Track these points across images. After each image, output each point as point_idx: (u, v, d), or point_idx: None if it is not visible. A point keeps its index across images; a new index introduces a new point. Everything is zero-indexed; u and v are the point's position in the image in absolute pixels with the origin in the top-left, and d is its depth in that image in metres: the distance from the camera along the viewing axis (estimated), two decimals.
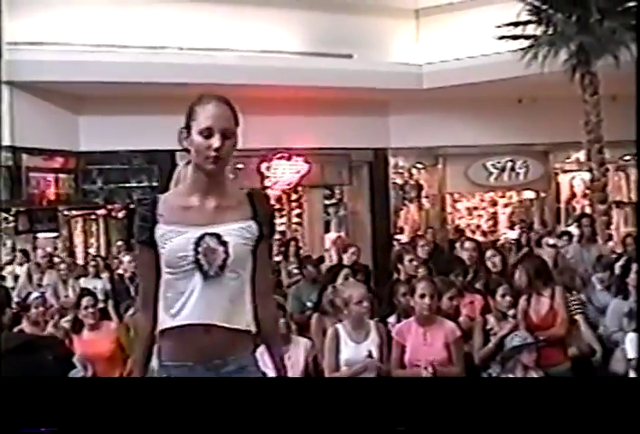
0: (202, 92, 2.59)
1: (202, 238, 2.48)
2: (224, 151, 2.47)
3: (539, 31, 10.46)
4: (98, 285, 8.26)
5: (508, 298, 5.14)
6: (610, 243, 10.07)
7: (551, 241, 7.31)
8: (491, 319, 5.11)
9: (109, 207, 12.05)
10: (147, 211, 2.56)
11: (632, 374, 4.54)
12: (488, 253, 6.40)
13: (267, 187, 12.90)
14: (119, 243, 10.77)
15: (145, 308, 2.63)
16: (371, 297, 4.87)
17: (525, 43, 10.33)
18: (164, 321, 2.54)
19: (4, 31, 9.70)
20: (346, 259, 7.77)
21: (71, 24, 10.55)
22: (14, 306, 7.42)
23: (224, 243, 2.49)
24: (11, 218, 10.72)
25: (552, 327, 5.10)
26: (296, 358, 4.80)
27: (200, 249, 2.48)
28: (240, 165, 11.68)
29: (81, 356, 5.39)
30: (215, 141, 2.45)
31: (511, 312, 5.07)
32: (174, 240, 2.49)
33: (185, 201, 2.55)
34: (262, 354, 4.81)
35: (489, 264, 6.25)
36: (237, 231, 2.53)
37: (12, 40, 9.85)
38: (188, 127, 2.52)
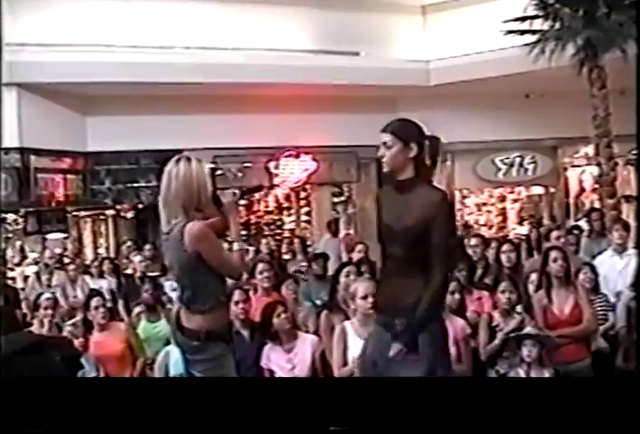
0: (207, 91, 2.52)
1: None
2: None
3: (546, 25, 10.41)
4: (108, 285, 8.25)
5: (507, 295, 5.03)
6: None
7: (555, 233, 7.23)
8: (496, 315, 5.07)
9: (118, 207, 12.08)
10: None
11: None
12: (504, 247, 6.35)
13: (275, 185, 12.91)
14: (129, 243, 10.78)
15: None
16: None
17: (532, 38, 10.29)
18: None
19: (9, 32, 9.70)
20: (355, 257, 7.77)
21: (78, 25, 10.56)
22: (23, 306, 7.45)
23: None
24: (20, 219, 10.74)
25: (580, 324, 5.01)
26: (303, 354, 4.78)
27: None
28: (248, 164, 11.68)
29: (92, 357, 5.39)
30: None
31: (518, 308, 5.02)
32: None
33: None
34: (269, 351, 4.82)
35: (504, 258, 6.22)
36: None
37: (19, 41, 9.87)
38: None
